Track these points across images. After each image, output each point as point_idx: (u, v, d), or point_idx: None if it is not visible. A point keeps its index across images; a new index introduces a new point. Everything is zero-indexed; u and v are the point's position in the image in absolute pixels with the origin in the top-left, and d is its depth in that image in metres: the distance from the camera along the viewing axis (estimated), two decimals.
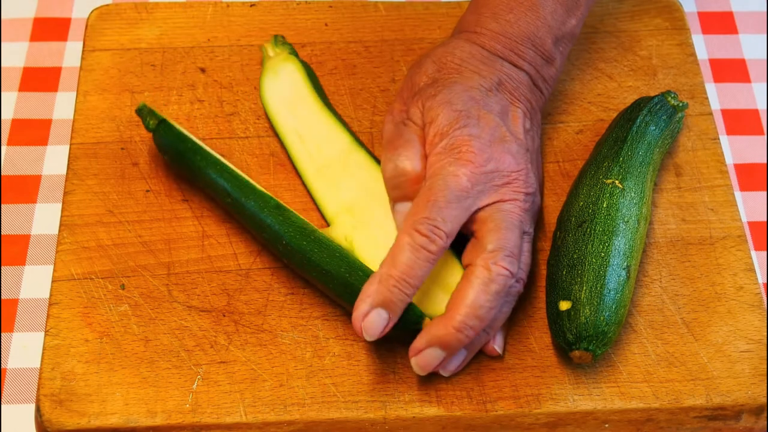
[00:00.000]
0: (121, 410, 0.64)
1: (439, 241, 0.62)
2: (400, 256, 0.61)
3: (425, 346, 0.62)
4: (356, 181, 0.70)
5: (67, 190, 0.72)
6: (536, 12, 0.70)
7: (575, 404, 0.65)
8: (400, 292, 0.61)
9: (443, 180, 0.64)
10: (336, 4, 0.82)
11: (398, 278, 0.61)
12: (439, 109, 0.66)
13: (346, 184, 0.70)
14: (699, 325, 0.68)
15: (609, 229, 0.66)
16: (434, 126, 0.66)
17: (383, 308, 0.61)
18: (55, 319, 0.67)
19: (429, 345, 0.62)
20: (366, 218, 0.69)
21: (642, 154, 0.70)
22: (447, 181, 0.64)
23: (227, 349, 0.66)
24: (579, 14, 0.72)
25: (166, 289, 0.68)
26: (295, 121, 0.73)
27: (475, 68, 0.69)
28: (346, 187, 0.70)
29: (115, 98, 0.77)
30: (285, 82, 0.75)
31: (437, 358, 0.62)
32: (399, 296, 0.61)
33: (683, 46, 0.81)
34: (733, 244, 0.71)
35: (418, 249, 0.61)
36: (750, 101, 0.85)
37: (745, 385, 0.66)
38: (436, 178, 0.64)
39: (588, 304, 0.64)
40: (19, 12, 0.88)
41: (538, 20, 0.70)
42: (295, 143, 0.73)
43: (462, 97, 0.67)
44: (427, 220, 0.62)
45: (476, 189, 0.64)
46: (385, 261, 0.62)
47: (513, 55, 0.70)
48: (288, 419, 0.64)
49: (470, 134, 0.65)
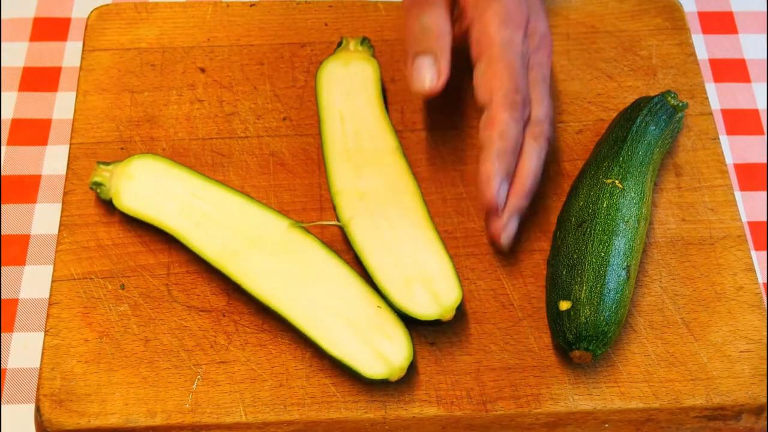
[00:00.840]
0: (121, 410, 0.64)
1: (528, 108, 0.69)
2: (508, 131, 0.67)
3: (508, 219, 0.69)
4: (382, 176, 0.70)
5: (67, 190, 0.72)
6: None
7: (575, 404, 0.65)
8: (513, 160, 0.68)
9: (508, 46, 0.68)
10: (336, 4, 0.82)
11: (512, 149, 0.68)
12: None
13: (369, 173, 0.70)
14: (699, 325, 0.68)
15: (609, 229, 0.66)
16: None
17: (506, 179, 0.68)
18: (55, 319, 0.67)
19: (513, 215, 0.69)
20: (375, 210, 0.69)
21: (642, 154, 0.70)
22: (512, 45, 0.68)
23: (227, 349, 0.66)
24: None
25: (165, 289, 0.68)
26: (345, 104, 0.73)
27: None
28: (368, 175, 0.70)
29: (115, 98, 0.77)
30: (354, 75, 0.75)
31: (515, 228, 0.70)
32: (512, 165, 0.68)
33: (683, 46, 0.81)
34: (733, 244, 0.71)
35: (519, 120, 0.68)
36: (750, 101, 0.85)
37: (745, 385, 0.66)
38: (495, 46, 0.68)
39: (588, 304, 0.64)
40: (19, 12, 0.88)
41: None
42: (333, 120, 0.73)
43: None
44: (514, 93, 0.67)
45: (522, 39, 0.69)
46: (493, 138, 0.67)
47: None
48: (288, 419, 0.64)
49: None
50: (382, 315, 0.65)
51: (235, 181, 0.73)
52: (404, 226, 0.68)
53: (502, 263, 0.70)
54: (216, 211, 0.69)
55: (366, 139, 0.72)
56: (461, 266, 0.70)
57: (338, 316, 0.65)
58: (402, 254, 0.67)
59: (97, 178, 0.70)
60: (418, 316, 0.65)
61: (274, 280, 0.66)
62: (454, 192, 0.73)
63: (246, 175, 0.73)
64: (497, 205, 0.67)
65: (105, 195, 0.70)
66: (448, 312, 0.65)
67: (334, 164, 0.71)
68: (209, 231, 0.68)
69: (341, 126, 0.73)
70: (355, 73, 0.75)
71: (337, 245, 0.70)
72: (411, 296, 0.65)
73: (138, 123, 0.75)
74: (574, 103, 0.78)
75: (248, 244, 0.67)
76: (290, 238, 0.67)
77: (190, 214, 0.68)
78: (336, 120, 0.73)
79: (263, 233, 0.68)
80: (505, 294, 0.69)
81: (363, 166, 0.71)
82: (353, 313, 0.65)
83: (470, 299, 0.69)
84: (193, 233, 0.68)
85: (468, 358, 0.66)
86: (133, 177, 0.70)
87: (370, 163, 0.71)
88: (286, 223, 0.68)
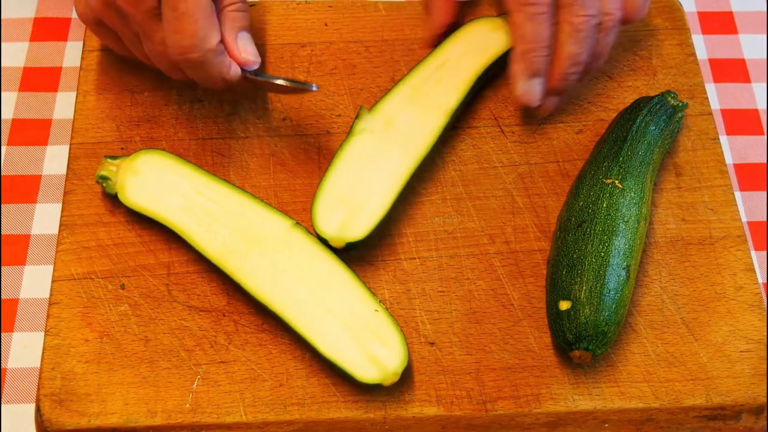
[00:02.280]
0: (121, 410, 0.64)
1: (546, 1, 0.70)
2: (524, 31, 0.71)
3: (544, 96, 0.73)
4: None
5: (67, 190, 0.72)
6: None
7: (575, 404, 0.65)
8: (540, 57, 0.71)
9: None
10: (336, 4, 0.82)
11: (534, 48, 0.71)
12: None
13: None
14: (699, 325, 0.68)
15: (609, 229, 0.66)
16: None
17: (535, 77, 0.72)
18: (55, 319, 0.67)
19: (548, 95, 0.73)
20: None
21: (642, 154, 0.70)
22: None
23: (227, 348, 0.66)
24: None
25: (166, 289, 0.68)
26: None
27: None
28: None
29: (115, 98, 0.77)
30: None
31: (554, 103, 0.75)
32: (541, 61, 0.71)
33: (683, 46, 0.81)
34: (733, 244, 0.71)
35: (534, 16, 0.70)
36: (750, 101, 0.85)
37: (745, 385, 0.66)
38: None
39: (588, 304, 0.64)
40: (19, 12, 0.87)
41: None
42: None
43: None
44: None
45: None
46: (516, 41, 0.71)
47: None
48: (288, 419, 0.64)
49: None
50: (379, 319, 0.65)
51: (235, 181, 0.73)
52: None
53: (502, 263, 0.70)
54: (219, 209, 0.69)
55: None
56: (461, 266, 0.70)
57: (335, 318, 0.65)
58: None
59: (103, 172, 0.70)
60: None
61: (273, 280, 0.66)
62: (454, 192, 0.73)
63: (246, 175, 0.73)
64: (527, 102, 0.73)
65: (110, 189, 0.70)
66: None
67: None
68: (211, 228, 0.68)
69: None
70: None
71: None
72: None
73: (138, 123, 0.75)
74: (574, 103, 0.78)
75: (249, 242, 0.67)
76: (291, 238, 0.67)
77: (194, 211, 0.69)
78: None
79: (264, 232, 0.68)
80: (505, 294, 0.69)
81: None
82: (350, 316, 0.65)
83: (470, 299, 0.69)
84: (195, 230, 0.68)
85: (468, 358, 0.66)
86: (138, 172, 0.70)
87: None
88: (288, 223, 0.68)
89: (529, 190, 0.74)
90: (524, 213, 0.72)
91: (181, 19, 0.66)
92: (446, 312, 0.68)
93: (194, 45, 0.67)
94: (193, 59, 0.67)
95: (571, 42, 0.71)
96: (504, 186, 0.74)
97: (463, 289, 0.69)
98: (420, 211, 0.72)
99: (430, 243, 0.71)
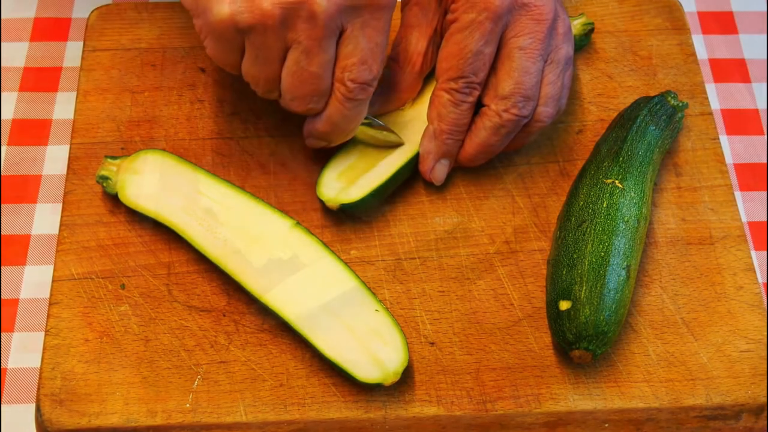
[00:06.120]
0: (121, 410, 0.64)
1: (475, 92, 0.70)
2: (444, 112, 0.70)
3: (433, 164, 0.72)
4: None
5: (67, 190, 0.72)
6: None
7: (575, 404, 0.65)
8: (453, 141, 0.71)
9: (469, 31, 0.68)
10: None
11: (449, 131, 0.71)
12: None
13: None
14: (699, 325, 0.68)
15: (609, 228, 0.66)
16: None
17: (444, 158, 0.72)
18: (55, 318, 0.67)
19: (438, 161, 0.72)
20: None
21: (642, 154, 0.70)
22: (473, 31, 0.68)
23: (227, 348, 0.66)
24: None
25: (166, 289, 0.68)
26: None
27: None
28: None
29: (115, 98, 0.77)
30: None
31: (446, 173, 0.73)
32: (453, 145, 0.71)
33: (683, 46, 0.81)
34: (733, 244, 0.71)
35: (459, 103, 0.70)
36: (750, 101, 0.85)
37: (745, 385, 0.66)
38: (460, 31, 0.68)
39: (588, 304, 0.64)
40: (19, 12, 0.88)
41: None
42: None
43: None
44: (461, 79, 0.69)
45: (499, 26, 0.68)
46: (433, 118, 0.71)
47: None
48: (288, 419, 0.64)
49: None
50: (379, 318, 0.65)
51: (235, 181, 0.73)
52: None
53: (502, 263, 0.70)
54: (220, 209, 0.69)
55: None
56: (461, 266, 0.70)
57: (335, 318, 0.65)
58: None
59: (103, 172, 0.70)
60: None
61: (273, 280, 0.66)
62: (454, 192, 0.73)
63: (246, 175, 0.73)
64: (432, 181, 0.72)
65: (111, 189, 0.70)
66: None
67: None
68: (211, 228, 0.68)
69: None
70: None
71: (338, 245, 0.70)
72: None
73: (138, 123, 0.75)
74: (574, 103, 0.78)
75: (249, 242, 0.67)
76: (291, 238, 0.67)
77: (194, 211, 0.69)
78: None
79: (265, 232, 0.68)
80: (505, 294, 0.69)
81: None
82: (351, 316, 0.65)
83: (470, 299, 0.69)
84: (195, 230, 0.68)
85: (468, 358, 0.66)
86: (138, 172, 0.70)
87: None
88: (288, 223, 0.68)
89: (529, 190, 0.74)
90: (524, 213, 0.72)
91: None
92: (446, 312, 0.68)
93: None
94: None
95: (491, 134, 0.70)
96: (504, 186, 0.74)
97: (463, 289, 0.69)
98: (420, 211, 0.72)
99: (430, 243, 0.71)
